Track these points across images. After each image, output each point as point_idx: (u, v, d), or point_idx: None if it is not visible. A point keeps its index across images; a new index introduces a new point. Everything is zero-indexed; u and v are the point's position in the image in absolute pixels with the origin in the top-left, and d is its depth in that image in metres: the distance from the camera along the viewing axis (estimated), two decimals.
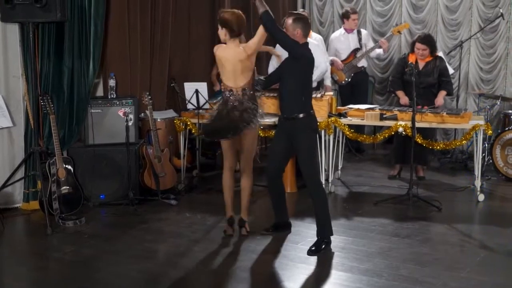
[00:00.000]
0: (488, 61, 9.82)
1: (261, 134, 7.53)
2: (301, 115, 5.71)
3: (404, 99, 8.08)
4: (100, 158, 7.11)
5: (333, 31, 10.21)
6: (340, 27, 9.73)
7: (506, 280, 5.09)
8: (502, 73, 9.73)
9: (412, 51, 8.13)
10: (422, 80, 7.83)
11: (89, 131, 7.16)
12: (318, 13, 11.11)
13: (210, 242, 5.94)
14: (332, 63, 9.18)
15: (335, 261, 5.46)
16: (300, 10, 9.83)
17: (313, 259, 5.48)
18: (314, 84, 8.92)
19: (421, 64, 8.00)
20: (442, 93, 8.01)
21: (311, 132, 5.82)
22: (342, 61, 9.30)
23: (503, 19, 9.35)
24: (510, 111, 8.97)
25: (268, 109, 7.75)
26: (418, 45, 7.98)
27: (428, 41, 7.99)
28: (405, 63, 8.06)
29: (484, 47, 9.81)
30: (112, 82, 7.34)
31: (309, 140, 5.78)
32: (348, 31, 9.34)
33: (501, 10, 9.23)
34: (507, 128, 8.43)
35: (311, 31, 8.54)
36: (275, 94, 7.84)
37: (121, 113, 7.16)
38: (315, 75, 8.40)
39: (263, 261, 5.46)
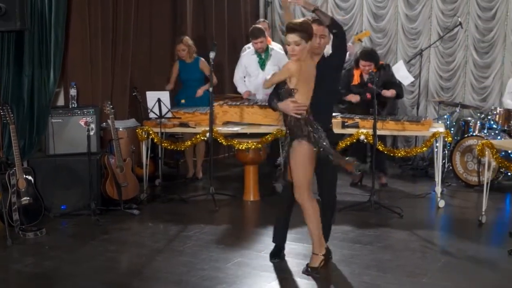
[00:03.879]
0: (447, 69, 9.97)
1: (223, 142, 7.52)
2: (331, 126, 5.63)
3: (355, 97, 8.10)
4: (61, 168, 7.04)
5: None
6: None
7: (467, 285, 5.16)
8: (461, 81, 9.89)
9: (357, 66, 8.20)
10: (369, 92, 7.84)
11: (49, 141, 7.08)
12: (281, 22, 11.15)
13: (173, 251, 5.91)
14: None
15: (298, 269, 5.46)
16: (260, 20, 9.87)
17: (277, 268, 5.49)
18: None
19: (365, 77, 8.06)
20: (392, 90, 8.06)
21: None
22: None
23: (462, 27, 9.50)
24: (469, 118, 9.12)
25: (231, 117, 7.77)
26: (362, 62, 8.05)
27: (372, 57, 8.07)
28: (350, 76, 8.18)
29: (444, 55, 9.96)
30: (73, 91, 7.27)
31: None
32: None
33: (459, 19, 9.38)
34: (466, 135, 8.56)
35: (270, 40, 8.62)
36: (238, 103, 7.88)
37: (82, 123, 7.09)
38: None
39: (227, 270, 5.45)
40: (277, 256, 5.67)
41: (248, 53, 8.55)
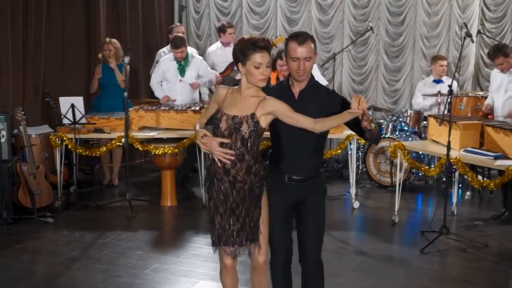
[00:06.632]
0: (359, 73, 10.20)
1: (139, 148, 7.45)
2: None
3: None
4: None
5: (210, 45, 10.28)
6: (217, 41, 9.80)
7: (382, 284, 5.29)
8: (373, 84, 10.14)
9: (274, 68, 7.81)
10: None
11: None
12: (195, 26, 11.16)
13: (88, 259, 5.82)
14: None
15: (217, 273, 5.39)
16: (177, 24, 9.85)
17: (194, 273, 5.49)
18: (205, 97, 9.04)
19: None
20: None
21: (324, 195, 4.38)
22: (220, 74, 9.37)
23: (373, 32, 9.73)
24: (381, 121, 9.35)
25: (147, 122, 7.72)
26: (279, 61, 7.70)
27: None
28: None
29: (356, 59, 10.19)
30: None
31: (323, 205, 4.33)
32: (225, 44, 9.42)
33: (370, 24, 9.60)
34: None
35: (187, 45, 8.61)
36: (154, 108, 7.83)
37: None
38: (206, 86, 8.52)
39: (145, 276, 5.41)
40: None
41: (167, 58, 8.50)
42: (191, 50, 8.83)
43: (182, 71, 8.33)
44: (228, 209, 3.93)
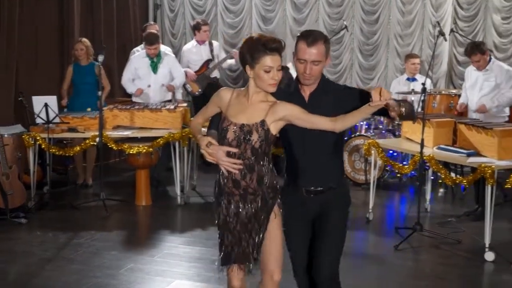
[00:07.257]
0: (334, 71, 10.25)
1: (114, 147, 7.41)
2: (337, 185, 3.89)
3: None
4: None
5: (185, 43, 10.27)
6: (192, 39, 9.79)
7: (356, 281, 5.32)
8: (348, 82, 10.18)
9: None
10: None
11: None
12: (170, 25, 11.13)
13: (63, 260, 5.78)
14: (186, 75, 9.23)
15: (192, 272, 5.48)
16: (151, 23, 9.81)
17: (170, 272, 5.48)
18: (178, 96, 9.02)
19: None
20: None
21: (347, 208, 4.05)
22: (195, 72, 9.36)
23: (347, 31, 9.77)
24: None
25: (121, 121, 7.68)
26: None
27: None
28: None
29: (331, 57, 10.21)
30: None
31: (344, 219, 4.01)
32: (200, 42, 9.42)
33: (345, 23, 9.63)
34: (353, 135, 8.80)
35: (161, 43, 8.58)
36: (128, 107, 7.79)
37: None
38: (177, 83, 8.51)
39: (120, 276, 5.38)
40: None
41: (139, 55, 8.47)
42: (164, 48, 8.81)
43: (154, 67, 8.30)
44: (240, 224, 3.63)
